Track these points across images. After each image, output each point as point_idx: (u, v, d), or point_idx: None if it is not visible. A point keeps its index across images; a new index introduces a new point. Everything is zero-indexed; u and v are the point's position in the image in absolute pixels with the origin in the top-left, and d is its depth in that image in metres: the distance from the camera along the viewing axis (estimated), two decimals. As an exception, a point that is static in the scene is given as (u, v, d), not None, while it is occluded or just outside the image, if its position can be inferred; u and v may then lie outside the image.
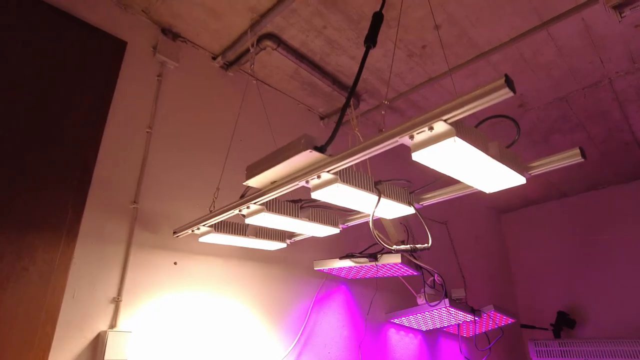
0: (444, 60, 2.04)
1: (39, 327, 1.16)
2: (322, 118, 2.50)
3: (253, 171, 1.06)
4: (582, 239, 3.68)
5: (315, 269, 1.91)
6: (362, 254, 1.79)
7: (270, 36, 1.85)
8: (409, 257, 1.79)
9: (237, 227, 1.40)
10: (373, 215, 1.03)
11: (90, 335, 1.28)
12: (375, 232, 0.97)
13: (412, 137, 0.78)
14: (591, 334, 3.42)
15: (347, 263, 1.80)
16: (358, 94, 2.31)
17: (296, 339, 1.88)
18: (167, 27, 1.81)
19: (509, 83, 0.65)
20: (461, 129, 0.76)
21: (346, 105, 0.94)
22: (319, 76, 2.09)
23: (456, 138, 0.74)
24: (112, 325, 1.33)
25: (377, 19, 1.03)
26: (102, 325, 1.31)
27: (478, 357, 3.01)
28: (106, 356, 1.25)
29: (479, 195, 3.75)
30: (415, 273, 1.95)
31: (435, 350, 2.71)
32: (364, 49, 1.01)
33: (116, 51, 1.58)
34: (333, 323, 2.08)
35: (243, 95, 2.04)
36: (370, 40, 0.99)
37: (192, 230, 1.40)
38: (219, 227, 1.36)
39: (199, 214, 1.68)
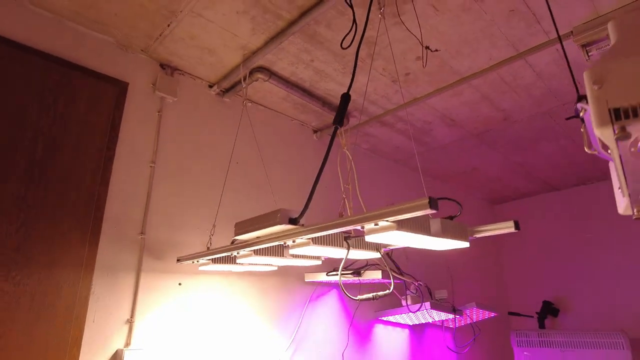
0: (427, 84, 2.16)
1: (67, 350, 1.39)
2: (315, 132, 2.65)
3: (241, 229, 1.24)
4: (570, 231, 3.85)
5: (305, 280, 2.12)
6: (346, 269, 1.99)
7: (261, 69, 1.99)
8: (390, 272, 1.98)
9: (231, 258, 1.60)
10: (341, 269, 1.21)
11: (109, 354, 1.51)
12: (342, 285, 1.16)
13: (362, 227, 0.95)
14: (573, 323, 3.65)
15: (333, 277, 2.01)
16: (348, 112, 2.44)
17: (292, 339, 2.12)
18: (165, 63, 1.95)
19: (432, 204, 0.80)
20: (402, 223, 0.93)
21: (321, 171, 1.10)
22: (309, 100, 2.22)
23: (396, 232, 0.91)
24: (127, 344, 1.56)
25: (345, 100, 1.17)
26: (119, 344, 1.54)
27: (464, 346, 3.26)
28: (123, 371, 1.48)
29: (472, 187, 3.90)
30: (398, 281, 2.16)
31: (422, 342, 2.95)
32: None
33: (120, 93, 1.73)
34: (325, 323, 2.31)
35: (240, 119, 2.19)
36: (338, 122, 1.14)
37: (193, 262, 1.61)
38: (216, 260, 1.56)
39: (200, 237, 1.88)
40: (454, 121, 2.57)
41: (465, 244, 1.13)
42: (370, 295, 1.30)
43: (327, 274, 1.99)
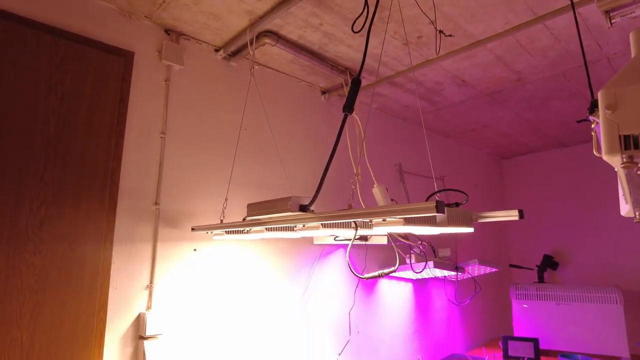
0: (440, 47, 2.09)
1: (95, 314, 1.51)
2: (323, 93, 2.61)
3: (253, 211, 1.28)
4: (575, 187, 3.87)
5: (314, 243, 2.21)
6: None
7: (269, 33, 1.93)
8: (395, 236, 2.05)
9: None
10: (350, 248, 1.27)
11: (132, 316, 1.64)
12: (349, 263, 1.22)
13: (371, 220, 0.99)
14: (571, 276, 3.79)
15: (341, 242, 2.08)
16: (356, 73, 2.39)
17: (302, 295, 2.25)
18: (170, 28, 1.90)
19: (439, 208, 0.83)
20: (409, 218, 0.96)
21: (327, 169, 1.13)
22: (318, 63, 2.17)
23: (403, 225, 0.95)
24: (149, 307, 1.68)
25: (355, 86, 1.15)
26: (141, 308, 1.66)
27: (466, 298, 3.43)
28: (147, 332, 1.61)
29: (481, 143, 3.89)
30: (403, 243, 2.23)
31: (425, 295, 3.11)
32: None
33: (126, 64, 1.71)
34: (331, 279, 2.44)
35: (248, 83, 2.16)
36: (348, 109, 1.13)
37: (207, 232, 1.68)
38: (229, 231, 1.63)
39: (212, 205, 1.94)
40: (465, 82, 2.51)
41: (469, 230, 1.17)
42: (376, 273, 1.37)
43: (334, 239, 2.07)
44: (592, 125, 0.77)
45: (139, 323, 1.64)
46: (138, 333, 1.64)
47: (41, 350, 1.37)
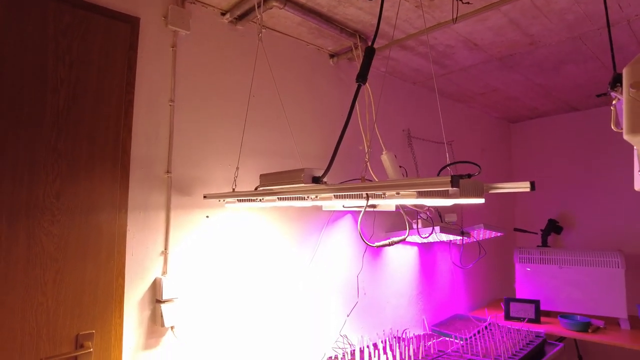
0: (452, 9, 2.01)
1: (114, 280, 1.57)
2: (331, 56, 2.55)
3: (265, 182, 1.30)
4: (583, 152, 3.85)
5: (323, 209, 2.24)
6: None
7: (276, -5, 1.86)
8: (404, 216, 2.08)
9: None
10: (361, 218, 1.29)
11: (149, 281, 1.70)
12: (360, 232, 1.24)
13: (384, 194, 1.00)
14: (575, 240, 3.84)
15: (349, 208, 2.11)
16: (366, 35, 2.33)
17: (311, 259, 2.31)
18: (175, -9, 1.84)
19: (454, 182, 0.84)
20: (422, 192, 0.97)
21: (340, 140, 1.13)
22: (327, 26, 2.11)
23: (416, 199, 0.96)
24: (164, 272, 1.74)
25: (369, 54, 1.13)
26: (157, 273, 1.72)
27: (470, 261, 3.50)
28: (164, 296, 1.68)
29: (490, 107, 3.83)
30: (411, 209, 2.26)
31: (430, 258, 3.18)
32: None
33: (132, 30, 1.68)
34: (339, 244, 2.49)
35: (256, 47, 2.11)
36: (362, 79, 1.11)
37: (219, 200, 1.71)
38: (242, 199, 1.66)
39: (223, 172, 1.95)
40: (477, 45, 2.44)
41: (480, 201, 1.18)
42: (387, 241, 1.40)
43: (343, 206, 2.09)
44: (614, 102, 0.76)
45: (155, 288, 1.71)
46: (155, 297, 1.70)
47: (66, 314, 1.43)
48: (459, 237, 2.73)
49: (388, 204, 1.44)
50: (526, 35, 2.29)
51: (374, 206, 2.08)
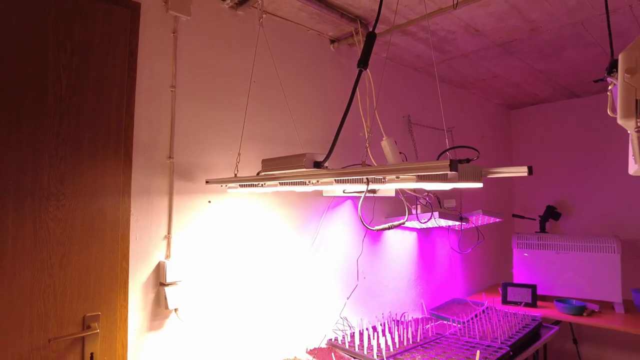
0: (454, -5, 2.01)
1: (118, 264, 1.60)
2: (332, 42, 2.55)
3: (267, 167, 1.32)
4: (582, 139, 3.86)
5: (324, 195, 2.26)
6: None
7: (277, -20, 1.86)
8: (404, 189, 2.10)
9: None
10: (361, 203, 1.31)
11: (153, 264, 1.73)
12: (360, 216, 1.27)
13: (384, 178, 1.02)
14: (572, 227, 3.88)
15: (349, 194, 2.13)
16: (367, 21, 2.32)
17: (312, 243, 2.34)
18: (175, -24, 1.83)
19: (453, 166, 0.86)
20: (421, 175, 0.99)
21: (341, 125, 1.14)
22: (327, 11, 2.11)
23: (415, 182, 0.98)
24: (167, 256, 1.77)
25: (370, 39, 1.13)
26: (161, 257, 1.75)
27: (469, 246, 3.55)
28: (167, 279, 1.71)
29: (490, 93, 3.83)
30: (411, 194, 2.28)
31: (429, 243, 3.22)
32: None
33: (133, 16, 1.68)
34: (340, 229, 2.52)
35: (257, 33, 2.11)
36: (363, 64, 1.12)
37: (221, 185, 1.73)
38: (244, 184, 1.68)
39: (225, 158, 1.97)
40: (478, 31, 2.43)
41: (479, 185, 1.20)
42: (386, 225, 1.42)
43: (343, 192, 2.11)
44: (610, 87, 0.78)
45: (159, 271, 1.74)
46: (159, 280, 1.74)
47: (72, 296, 1.47)
48: (457, 223, 2.76)
49: (388, 188, 1.46)
50: (527, 20, 2.28)
51: (373, 192, 2.10)
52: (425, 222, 2.53)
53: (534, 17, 2.24)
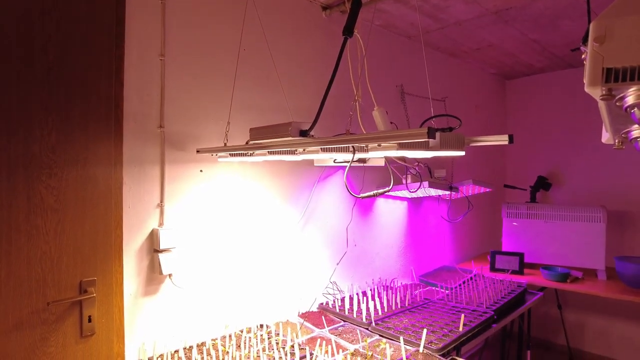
0: (447, -40, 1.97)
1: (113, 231, 1.64)
2: (324, 9, 2.51)
3: (256, 135, 1.33)
4: (575, 109, 3.86)
5: (315, 165, 2.29)
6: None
7: (266, -55, 1.81)
8: (393, 158, 2.13)
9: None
10: (347, 170, 1.34)
11: (147, 232, 1.77)
12: (346, 183, 1.30)
13: (367, 145, 1.05)
14: (562, 197, 3.94)
15: (340, 163, 2.16)
16: (360, -12, 2.27)
17: (303, 212, 2.39)
18: (161, -61, 1.78)
19: (430, 134, 0.88)
20: (402, 143, 1.02)
21: (326, 94, 1.16)
22: (319, -22, 2.07)
23: (397, 150, 1.01)
24: (160, 224, 1.81)
25: (356, 6, 1.13)
26: (154, 224, 1.79)
27: (459, 216, 3.61)
28: (161, 246, 1.76)
29: (485, 63, 3.80)
30: (401, 164, 2.31)
31: (419, 213, 3.28)
32: None
33: (119, -18, 1.65)
34: (331, 199, 2.57)
35: (246, 1, 2.07)
36: (348, 32, 1.12)
37: (212, 155, 1.75)
38: (233, 154, 1.70)
39: (215, 127, 1.98)
40: (473, -1, 2.40)
41: (461, 153, 1.23)
42: (371, 192, 1.46)
43: (334, 162, 2.14)
44: (583, 56, 0.79)
45: (152, 238, 1.78)
46: (153, 247, 1.79)
47: (69, 261, 1.51)
48: (447, 192, 2.81)
49: (374, 157, 1.49)
50: (522, -12, 2.25)
51: (364, 161, 2.13)
52: (415, 191, 2.57)
53: (529, -16, 2.21)
